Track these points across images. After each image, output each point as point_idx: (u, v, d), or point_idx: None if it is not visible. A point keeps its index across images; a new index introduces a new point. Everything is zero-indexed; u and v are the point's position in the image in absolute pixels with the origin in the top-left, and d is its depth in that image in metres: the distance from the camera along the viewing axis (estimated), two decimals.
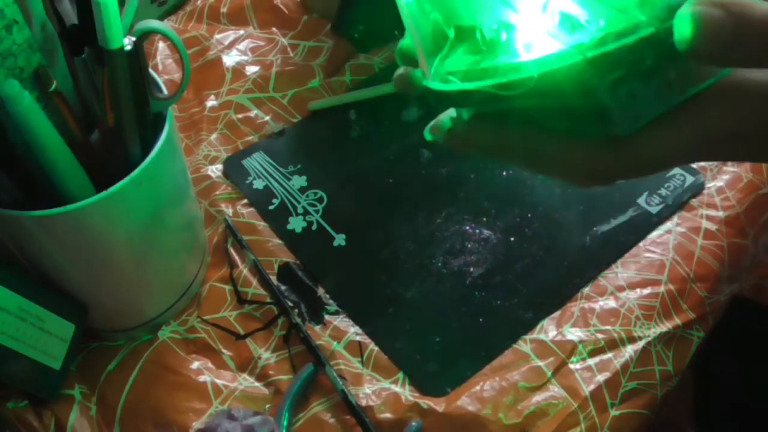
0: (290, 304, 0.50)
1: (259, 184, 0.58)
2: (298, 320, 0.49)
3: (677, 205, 0.54)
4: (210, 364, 0.48)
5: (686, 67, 0.25)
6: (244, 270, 0.52)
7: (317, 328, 0.49)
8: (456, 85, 0.26)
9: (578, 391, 0.45)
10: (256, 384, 0.48)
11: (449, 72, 0.27)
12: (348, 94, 0.64)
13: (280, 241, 0.54)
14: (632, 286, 0.50)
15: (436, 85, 0.27)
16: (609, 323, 0.48)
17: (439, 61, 0.27)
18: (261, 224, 0.55)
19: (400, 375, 0.47)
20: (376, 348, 0.48)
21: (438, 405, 0.45)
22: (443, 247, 0.53)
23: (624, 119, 0.25)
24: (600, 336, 0.48)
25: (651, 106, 0.25)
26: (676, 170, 0.56)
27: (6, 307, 0.40)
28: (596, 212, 0.54)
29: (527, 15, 0.25)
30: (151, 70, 0.42)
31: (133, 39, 0.39)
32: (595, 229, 0.53)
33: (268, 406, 0.46)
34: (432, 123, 0.33)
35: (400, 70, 0.31)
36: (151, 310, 0.49)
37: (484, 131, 0.28)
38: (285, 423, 0.44)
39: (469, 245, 0.53)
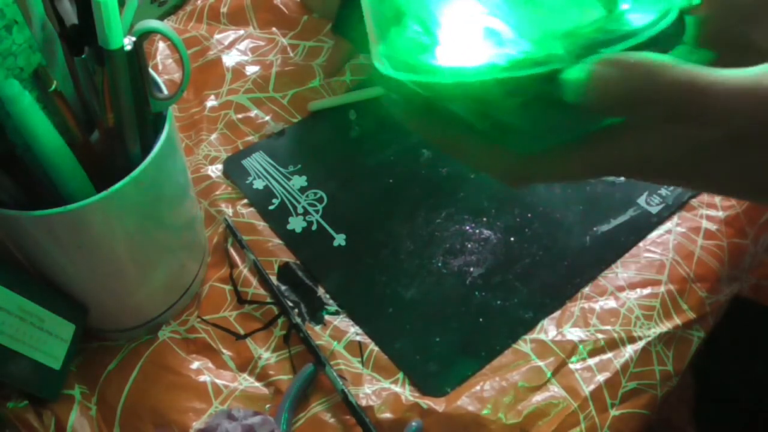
0: (290, 304, 0.50)
1: (259, 184, 0.58)
2: (298, 320, 0.49)
3: (677, 204, 0.54)
4: (210, 364, 0.48)
5: None
6: (244, 270, 0.52)
7: (317, 328, 0.49)
8: (386, 69, 0.27)
9: (578, 391, 0.45)
10: (256, 384, 0.48)
11: (385, 55, 0.27)
12: (348, 94, 0.64)
13: (280, 241, 0.54)
14: (632, 286, 0.50)
15: (377, 65, 0.28)
16: (609, 323, 0.48)
17: (384, 44, 0.28)
18: (261, 224, 0.55)
19: (400, 375, 0.47)
20: (376, 348, 0.48)
21: (438, 405, 0.45)
22: (443, 247, 0.53)
23: (526, 140, 0.26)
24: (600, 336, 0.48)
25: (559, 130, 0.26)
26: None
27: (6, 307, 0.40)
28: (596, 212, 0.54)
29: (454, 23, 0.25)
30: (151, 70, 0.42)
31: (133, 39, 0.39)
32: (595, 229, 0.53)
33: (268, 406, 0.46)
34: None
35: None
36: (151, 310, 0.49)
37: (413, 118, 0.29)
38: (285, 423, 0.44)
39: (469, 245, 0.53)
